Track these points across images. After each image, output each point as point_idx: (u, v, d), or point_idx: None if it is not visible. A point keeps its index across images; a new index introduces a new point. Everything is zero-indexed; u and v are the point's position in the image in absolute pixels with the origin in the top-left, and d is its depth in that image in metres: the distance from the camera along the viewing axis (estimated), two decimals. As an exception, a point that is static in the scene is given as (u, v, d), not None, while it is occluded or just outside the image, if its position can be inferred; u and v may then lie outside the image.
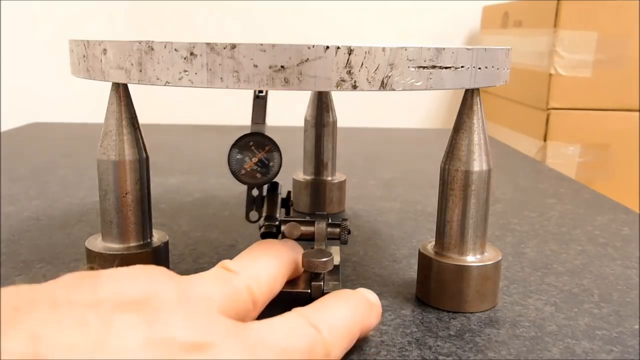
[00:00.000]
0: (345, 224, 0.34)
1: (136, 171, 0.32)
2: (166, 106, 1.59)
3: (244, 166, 0.32)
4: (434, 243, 0.33)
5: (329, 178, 0.49)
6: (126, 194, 0.32)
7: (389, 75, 0.26)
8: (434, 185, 0.59)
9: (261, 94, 0.37)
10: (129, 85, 0.31)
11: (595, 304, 0.33)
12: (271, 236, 0.33)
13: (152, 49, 0.26)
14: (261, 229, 0.34)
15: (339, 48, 0.25)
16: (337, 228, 0.33)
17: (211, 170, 0.65)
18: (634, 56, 1.15)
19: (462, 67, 0.27)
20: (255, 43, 0.25)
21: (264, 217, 0.34)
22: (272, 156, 0.33)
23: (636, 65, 1.15)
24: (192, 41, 0.25)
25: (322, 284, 0.30)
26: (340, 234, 0.33)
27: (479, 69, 0.28)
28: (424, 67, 0.26)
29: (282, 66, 0.25)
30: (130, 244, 0.32)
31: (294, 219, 0.34)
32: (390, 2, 1.63)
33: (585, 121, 1.18)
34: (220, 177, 0.62)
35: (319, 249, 0.31)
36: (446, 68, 0.27)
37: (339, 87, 0.25)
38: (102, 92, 0.37)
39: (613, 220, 0.49)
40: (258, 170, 0.32)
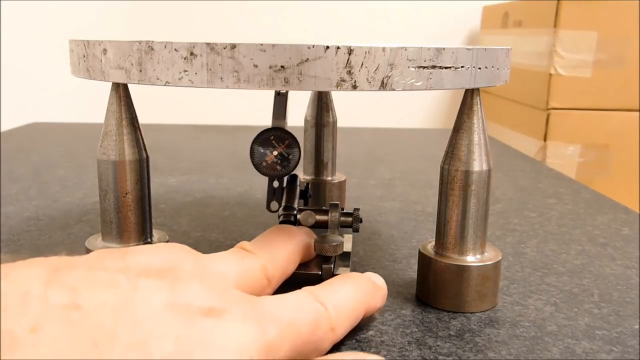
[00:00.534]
0: (357, 213, 0.36)
1: (136, 171, 0.32)
2: (166, 106, 1.59)
3: (265, 159, 0.34)
4: (434, 243, 0.33)
5: (329, 178, 0.49)
6: (126, 194, 0.32)
7: (389, 75, 0.26)
8: (434, 185, 0.59)
9: (282, 91, 0.37)
10: (129, 85, 0.31)
11: (595, 304, 0.33)
12: (289, 224, 0.35)
13: (152, 49, 0.26)
14: (280, 217, 0.35)
15: (339, 48, 0.25)
16: (349, 217, 0.36)
17: (211, 170, 0.65)
18: (634, 56, 1.15)
19: (462, 67, 0.27)
20: (255, 43, 0.25)
21: (282, 207, 0.36)
22: (292, 150, 0.34)
23: (636, 65, 1.15)
24: (192, 41, 0.25)
25: (333, 267, 0.32)
26: (352, 222, 0.35)
27: (479, 69, 0.28)
28: (424, 67, 0.26)
29: (282, 66, 0.25)
30: (130, 244, 0.32)
31: (310, 207, 0.36)
32: (390, 2, 1.63)
33: (585, 121, 1.18)
34: (220, 177, 0.62)
35: (330, 234, 0.33)
36: (446, 68, 0.27)
37: (339, 87, 0.25)
38: (102, 92, 0.37)
39: (613, 220, 0.49)
40: (278, 162, 0.34)
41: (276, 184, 0.36)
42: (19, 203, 0.51)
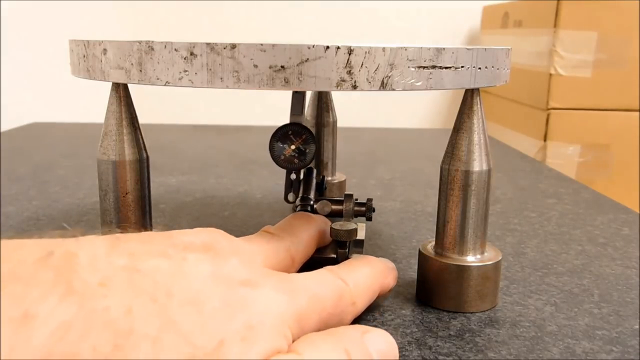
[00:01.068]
0: (370, 203, 0.38)
1: (136, 171, 0.32)
2: (166, 106, 1.59)
3: (283, 153, 0.36)
4: (434, 243, 0.33)
5: (329, 178, 0.49)
6: (126, 194, 0.32)
7: (389, 75, 0.26)
8: (434, 185, 0.59)
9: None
10: (129, 85, 0.31)
11: (595, 304, 0.33)
12: None
13: (152, 49, 0.26)
14: (297, 207, 0.38)
15: (339, 48, 0.25)
16: (363, 207, 0.38)
17: (211, 170, 0.65)
18: (634, 56, 1.15)
19: (462, 67, 0.27)
20: (255, 43, 0.25)
21: (299, 198, 0.38)
22: (308, 144, 0.36)
23: (636, 65, 1.15)
24: (192, 41, 0.25)
25: (347, 251, 0.34)
26: (366, 211, 0.38)
27: (479, 69, 0.28)
28: (424, 67, 0.26)
29: (282, 66, 0.25)
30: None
31: (326, 198, 0.38)
32: (390, 2, 1.63)
33: (585, 121, 1.18)
34: (220, 177, 0.62)
35: (345, 221, 0.35)
36: (446, 68, 0.27)
37: (339, 87, 0.25)
38: (102, 92, 0.37)
39: (613, 220, 0.49)
40: (295, 156, 0.36)
41: (293, 176, 0.38)
42: (19, 203, 0.51)
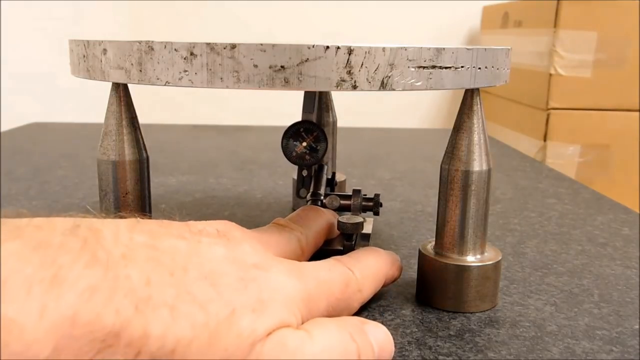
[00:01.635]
0: (377, 198, 0.39)
1: (136, 171, 0.32)
2: (166, 106, 1.59)
3: (295, 149, 0.37)
4: (434, 243, 0.33)
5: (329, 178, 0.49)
6: (126, 194, 0.32)
7: (389, 75, 0.26)
8: (434, 185, 0.59)
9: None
10: (129, 85, 0.31)
11: (595, 304, 0.33)
12: None
13: (152, 49, 0.26)
14: (308, 202, 0.38)
15: (339, 48, 0.25)
16: (370, 202, 0.39)
17: (211, 170, 0.65)
18: (634, 56, 1.15)
19: (462, 67, 0.27)
20: (255, 43, 0.25)
21: (310, 193, 0.39)
22: (319, 141, 0.37)
23: (636, 65, 1.15)
24: (192, 41, 0.25)
25: (354, 244, 0.35)
26: (373, 206, 0.39)
27: (479, 69, 0.28)
28: (424, 67, 0.26)
29: (282, 66, 0.25)
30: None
31: (335, 193, 0.40)
32: (390, 2, 1.63)
33: (585, 121, 1.18)
34: (220, 177, 0.62)
35: (351, 215, 0.36)
36: (446, 68, 0.27)
37: (339, 87, 0.25)
38: (102, 92, 0.37)
39: (613, 220, 0.49)
40: (307, 153, 0.37)
41: (305, 172, 0.39)
42: (19, 203, 0.51)
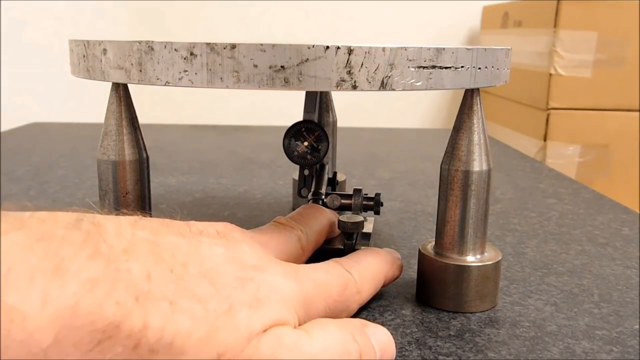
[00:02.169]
0: (378, 197, 0.39)
1: (136, 171, 0.32)
2: (166, 106, 1.59)
3: (297, 149, 0.37)
4: (433, 243, 0.33)
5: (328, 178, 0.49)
6: (126, 194, 0.32)
7: (389, 75, 0.26)
8: (434, 185, 0.59)
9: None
10: (129, 85, 0.31)
11: (595, 304, 0.33)
12: None
13: (152, 49, 0.26)
14: (309, 202, 0.39)
15: (339, 48, 0.25)
16: (371, 201, 0.39)
17: (211, 170, 0.65)
18: (634, 56, 1.15)
19: (462, 67, 0.27)
20: (255, 43, 0.25)
21: (311, 192, 0.39)
22: (321, 141, 0.37)
23: (636, 65, 1.15)
24: (192, 41, 0.25)
25: (354, 243, 0.35)
26: (374, 205, 0.39)
27: (479, 69, 0.28)
28: (424, 67, 0.26)
29: (282, 66, 0.25)
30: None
31: (336, 192, 0.40)
32: (390, 2, 1.63)
33: (585, 121, 1.18)
34: (220, 177, 0.62)
35: (352, 214, 0.36)
36: (446, 68, 0.27)
37: (339, 87, 0.25)
38: (102, 92, 0.37)
39: (613, 220, 0.49)
40: (308, 152, 0.37)
41: (306, 172, 0.39)
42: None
